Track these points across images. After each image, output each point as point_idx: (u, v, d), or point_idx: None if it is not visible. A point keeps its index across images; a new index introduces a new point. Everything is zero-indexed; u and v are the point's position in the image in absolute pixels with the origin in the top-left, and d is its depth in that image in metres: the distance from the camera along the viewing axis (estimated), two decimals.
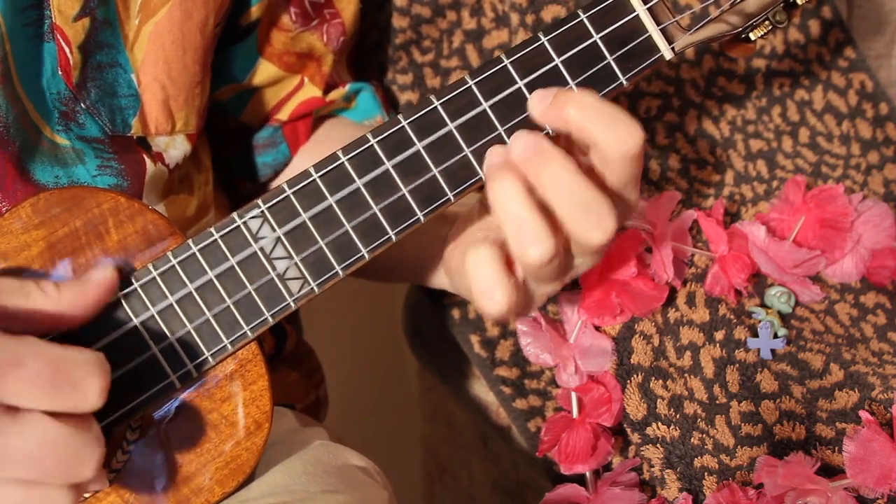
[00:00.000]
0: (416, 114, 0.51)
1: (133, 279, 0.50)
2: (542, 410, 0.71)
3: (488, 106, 0.52)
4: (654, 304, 0.65)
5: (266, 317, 0.51)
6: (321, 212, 0.51)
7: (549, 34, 0.52)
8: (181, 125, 0.61)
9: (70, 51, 0.55)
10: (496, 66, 0.52)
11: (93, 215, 0.50)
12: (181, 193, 0.63)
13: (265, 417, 0.53)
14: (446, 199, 0.52)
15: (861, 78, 0.81)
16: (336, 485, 0.56)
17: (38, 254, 0.49)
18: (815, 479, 0.56)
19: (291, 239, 0.51)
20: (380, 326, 1.38)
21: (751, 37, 0.55)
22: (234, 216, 0.51)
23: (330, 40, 0.70)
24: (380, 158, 0.51)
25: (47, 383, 0.41)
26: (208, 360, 0.51)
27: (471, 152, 0.52)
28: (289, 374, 0.74)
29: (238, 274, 0.51)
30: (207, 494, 0.52)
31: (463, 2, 0.79)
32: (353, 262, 0.52)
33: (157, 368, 0.51)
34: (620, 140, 0.48)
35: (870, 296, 0.72)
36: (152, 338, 0.50)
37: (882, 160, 0.79)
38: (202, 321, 0.51)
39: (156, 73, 0.59)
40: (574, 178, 0.48)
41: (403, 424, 1.34)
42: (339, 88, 0.73)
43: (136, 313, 0.50)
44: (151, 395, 0.51)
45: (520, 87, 0.52)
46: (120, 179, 0.57)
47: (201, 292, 0.51)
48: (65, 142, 0.56)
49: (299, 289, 0.52)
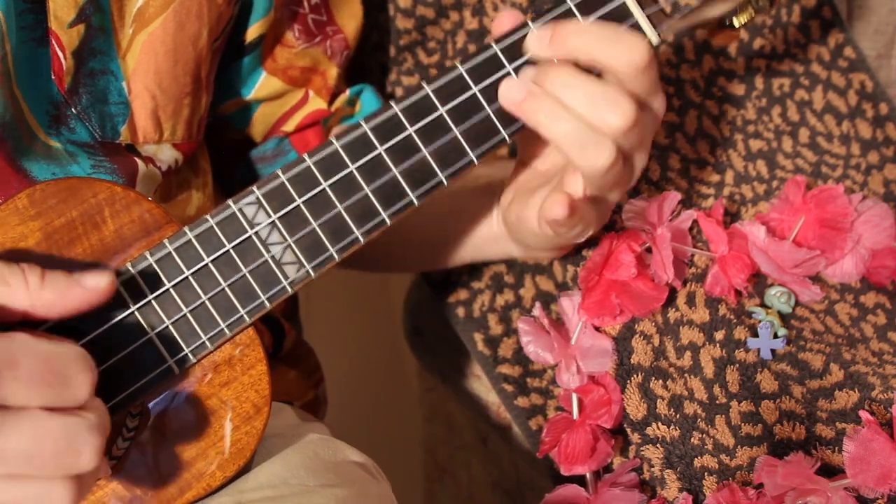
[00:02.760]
0: (408, 100, 0.53)
1: (130, 266, 0.50)
2: (543, 409, 0.71)
3: (478, 90, 0.54)
4: (654, 304, 0.65)
5: (262, 300, 0.52)
6: (315, 195, 0.52)
7: (537, 20, 0.54)
8: (168, 135, 0.61)
9: (64, 56, 0.55)
10: (487, 52, 0.54)
11: (89, 205, 0.50)
12: (179, 197, 0.64)
13: (264, 401, 0.53)
14: (438, 181, 0.54)
15: (861, 78, 0.81)
16: (334, 479, 0.56)
17: (35, 244, 0.50)
18: (815, 479, 0.56)
19: (286, 224, 0.52)
20: (380, 326, 1.38)
21: (734, 23, 0.56)
22: (230, 202, 0.52)
23: (334, 55, 0.71)
24: (372, 143, 0.53)
25: (41, 381, 0.41)
26: (206, 344, 0.52)
27: (461, 133, 0.54)
28: (287, 373, 0.74)
29: (234, 259, 0.52)
30: (209, 479, 0.53)
31: (465, 2, 0.79)
32: (348, 244, 0.53)
33: (154, 354, 0.51)
34: (627, 55, 0.52)
35: (870, 296, 0.72)
36: (149, 324, 0.51)
37: (882, 160, 0.79)
38: (199, 306, 0.51)
39: (146, 82, 0.59)
40: (580, 76, 0.52)
41: (403, 424, 1.34)
42: (341, 96, 0.74)
43: (133, 300, 0.50)
44: (150, 381, 0.51)
45: (509, 73, 0.55)
46: (115, 177, 0.58)
47: (198, 278, 0.51)
48: (57, 145, 0.56)
49: (295, 272, 0.53)
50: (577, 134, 0.53)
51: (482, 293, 0.76)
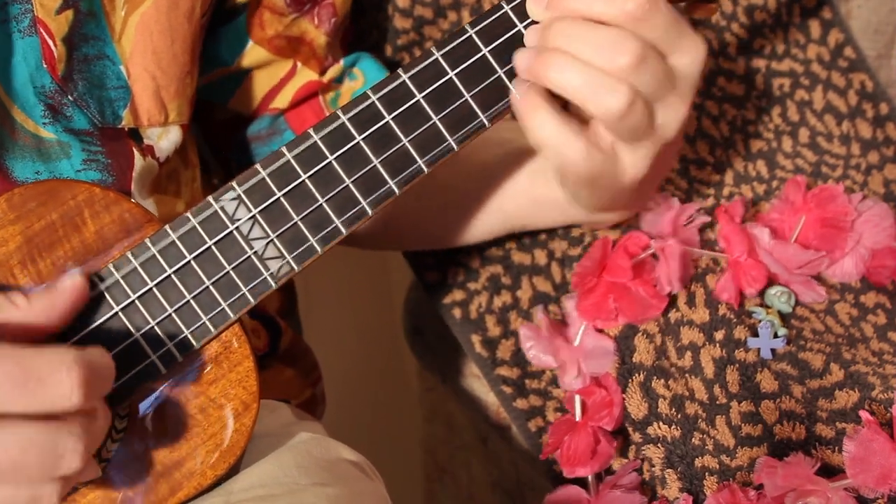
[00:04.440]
0: (384, 88, 0.53)
1: (112, 268, 0.50)
2: (542, 410, 0.71)
3: (454, 74, 0.54)
4: (652, 312, 0.65)
5: (244, 293, 0.52)
6: (294, 188, 0.52)
7: (511, 2, 0.55)
8: (174, 116, 0.61)
9: (54, 44, 0.55)
10: (462, 35, 0.54)
11: (68, 207, 0.50)
12: (168, 191, 0.63)
13: (252, 398, 0.53)
14: (417, 168, 0.54)
15: (861, 78, 0.81)
16: (327, 478, 0.56)
17: (15, 248, 0.50)
18: (815, 480, 0.56)
19: (267, 218, 0.52)
20: (380, 326, 1.38)
21: None
22: (210, 199, 0.52)
23: (321, 22, 0.69)
24: (350, 133, 0.53)
25: (17, 385, 0.41)
26: (190, 341, 0.52)
27: (439, 120, 0.54)
28: (284, 372, 0.74)
29: (216, 256, 0.52)
30: (199, 478, 0.53)
31: (463, 2, 0.79)
32: (329, 235, 0.53)
33: (140, 354, 0.51)
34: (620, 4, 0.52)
35: (870, 296, 0.72)
36: (134, 325, 0.51)
37: (882, 160, 0.79)
38: (183, 304, 0.51)
39: (145, 63, 0.58)
40: (581, 24, 0.53)
41: (403, 424, 1.34)
42: (334, 66, 0.72)
43: (116, 301, 0.50)
44: (136, 380, 0.51)
45: (484, 55, 0.54)
46: (105, 175, 0.57)
47: (180, 276, 0.51)
48: (50, 135, 0.56)
49: (278, 266, 0.53)
50: (588, 81, 0.53)
51: (479, 294, 0.76)
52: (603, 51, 0.52)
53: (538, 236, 0.76)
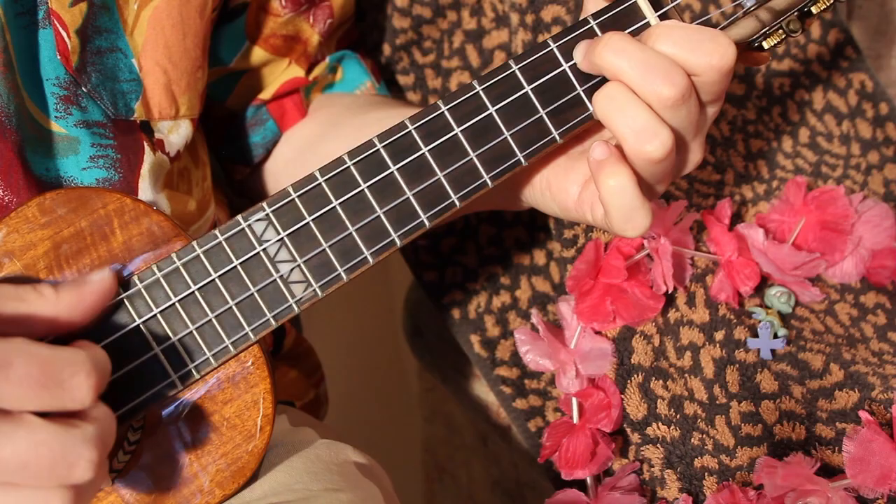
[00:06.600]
0: (422, 119, 0.52)
1: (137, 280, 0.50)
2: (542, 410, 0.71)
3: (495, 110, 0.52)
4: (649, 314, 0.65)
5: (268, 318, 0.51)
6: (325, 214, 0.51)
7: (559, 41, 0.53)
8: (185, 109, 0.61)
9: (67, 35, 0.55)
10: (505, 71, 0.52)
11: (98, 216, 0.50)
12: (180, 189, 0.63)
13: (267, 421, 0.52)
14: (450, 203, 0.53)
15: (861, 78, 0.81)
16: (338, 483, 0.56)
17: (43, 253, 0.49)
18: (815, 480, 0.56)
19: (295, 242, 0.51)
20: (380, 326, 1.38)
21: (763, 45, 0.55)
22: (239, 219, 0.51)
23: (317, 22, 0.70)
24: (385, 162, 0.52)
25: (35, 384, 0.41)
26: (210, 361, 0.51)
27: (476, 156, 0.52)
28: (288, 372, 0.74)
29: (241, 276, 0.51)
30: (208, 496, 0.52)
31: (463, 2, 0.79)
32: (357, 264, 0.52)
33: (158, 369, 0.51)
34: (709, 57, 0.50)
35: (870, 296, 0.72)
36: (154, 338, 0.50)
37: (882, 160, 0.79)
38: (204, 322, 0.51)
39: (157, 57, 0.59)
40: (633, 42, 0.50)
41: (403, 424, 1.34)
42: (320, 64, 0.73)
43: (139, 314, 0.50)
44: (152, 396, 0.51)
45: (527, 93, 0.53)
46: (112, 172, 0.57)
47: (204, 294, 0.51)
48: (61, 129, 0.56)
49: (303, 291, 0.52)
50: (634, 119, 0.51)
51: (478, 294, 0.76)
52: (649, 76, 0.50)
53: (538, 236, 0.76)
